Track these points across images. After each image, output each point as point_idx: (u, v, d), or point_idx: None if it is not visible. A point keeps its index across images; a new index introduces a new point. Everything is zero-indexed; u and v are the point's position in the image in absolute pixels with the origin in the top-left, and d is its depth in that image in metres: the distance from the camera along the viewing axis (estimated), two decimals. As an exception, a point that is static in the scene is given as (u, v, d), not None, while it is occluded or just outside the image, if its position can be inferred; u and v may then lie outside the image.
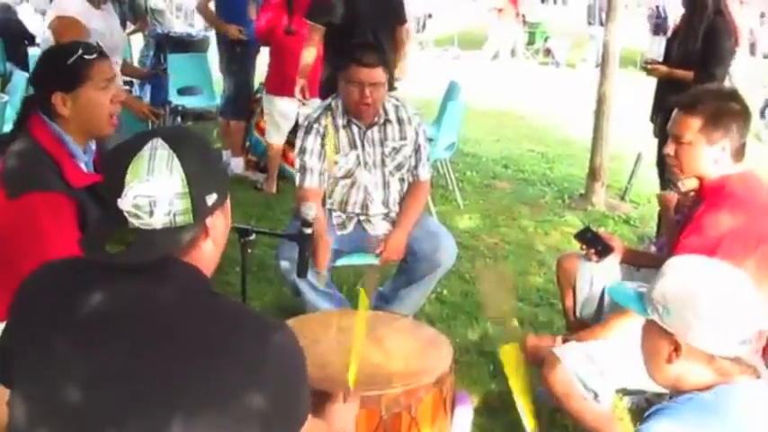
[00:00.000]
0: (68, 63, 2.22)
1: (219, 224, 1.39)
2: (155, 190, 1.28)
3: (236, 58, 6.06)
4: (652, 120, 5.06)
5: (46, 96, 2.23)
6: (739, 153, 2.46)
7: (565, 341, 2.65)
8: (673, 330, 1.56)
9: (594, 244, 2.96)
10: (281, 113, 5.66)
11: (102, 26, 4.09)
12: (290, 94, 5.48)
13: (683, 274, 1.61)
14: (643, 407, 3.05)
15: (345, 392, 1.85)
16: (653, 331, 1.62)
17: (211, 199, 1.34)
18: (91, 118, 2.28)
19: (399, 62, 5.10)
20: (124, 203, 1.28)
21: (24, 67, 7.28)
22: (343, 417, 1.78)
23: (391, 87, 5.04)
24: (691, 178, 2.54)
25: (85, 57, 2.24)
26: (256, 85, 6.39)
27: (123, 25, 7.27)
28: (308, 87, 4.98)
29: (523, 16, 15.47)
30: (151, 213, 1.29)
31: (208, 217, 1.36)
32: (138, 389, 1.25)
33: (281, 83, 5.59)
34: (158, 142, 1.30)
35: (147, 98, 6.37)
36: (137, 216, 1.29)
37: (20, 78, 6.30)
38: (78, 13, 4.02)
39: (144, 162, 1.29)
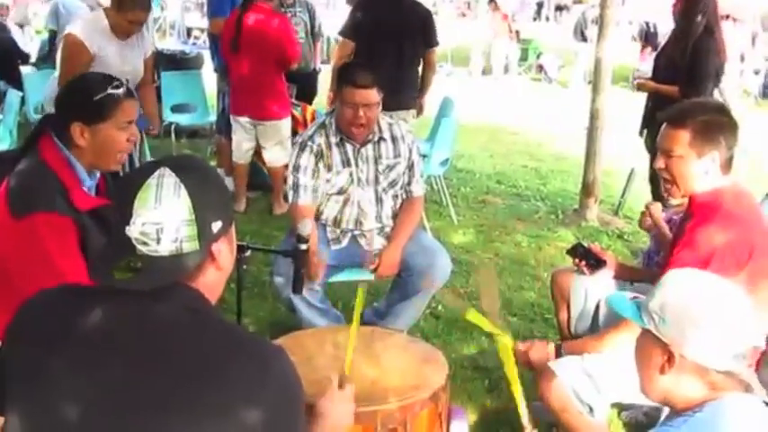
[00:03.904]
0: (95, 98, 2.24)
1: (225, 250, 1.41)
2: (162, 217, 1.31)
3: None
4: (641, 134, 5.12)
5: (65, 123, 2.24)
6: (727, 165, 2.48)
7: (557, 348, 2.64)
8: (668, 341, 1.57)
9: (586, 257, 2.97)
10: (238, 133, 5.65)
11: (116, 57, 4.17)
12: (240, 113, 5.49)
13: (682, 287, 1.63)
14: (641, 421, 3.05)
15: (342, 378, 1.82)
16: (647, 341, 1.62)
17: (217, 226, 1.37)
18: (104, 153, 2.29)
19: (425, 90, 5.43)
20: (132, 231, 1.31)
21: (17, 85, 7.28)
22: (339, 405, 1.74)
23: (419, 112, 5.46)
24: (686, 196, 2.55)
25: (113, 94, 2.25)
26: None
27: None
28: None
29: (517, 32, 15.56)
30: (158, 240, 1.31)
31: (213, 243, 1.38)
32: (134, 407, 1.25)
33: (233, 103, 5.59)
34: (165, 171, 1.34)
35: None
36: (144, 243, 1.31)
37: (14, 98, 6.30)
38: (88, 38, 4.12)
39: (151, 191, 1.32)
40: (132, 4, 4.26)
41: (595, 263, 2.95)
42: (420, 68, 5.38)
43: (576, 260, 2.99)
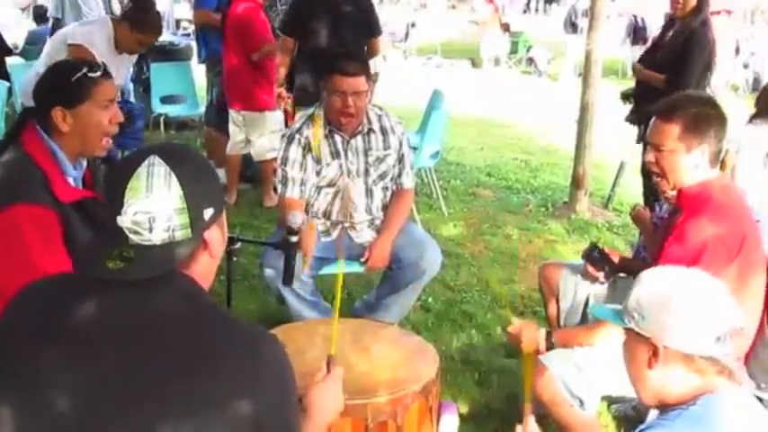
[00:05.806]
0: (73, 79, 2.21)
1: (216, 236, 1.41)
2: (153, 206, 1.30)
3: None
4: (627, 119, 5.12)
5: (46, 110, 2.22)
6: (716, 158, 2.48)
7: (547, 334, 2.63)
8: (649, 334, 1.60)
9: (602, 263, 2.92)
10: (231, 125, 5.64)
11: (113, 70, 4.16)
12: (230, 105, 5.50)
13: (655, 282, 1.67)
14: (631, 415, 3.06)
15: (329, 361, 1.79)
16: (632, 340, 1.67)
17: (208, 213, 1.37)
18: (88, 136, 2.26)
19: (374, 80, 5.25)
20: (124, 220, 1.30)
21: (4, 77, 7.21)
22: (328, 391, 1.71)
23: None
24: (675, 189, 2.55)
25: (90, 75, 2.23)
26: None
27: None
28: (285, 97, 5.05)
29: (507, 25, 15.57)
30: (151, 229, 1.31)
31: (206, 230, 1.38)
32: (129, 400, 1.24)
33: (227, 95, 5.59)
34: (155, 159, 1.33)
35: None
36: (136, 232, 1.31)
37: (1, 88, 6.25)
38: (99, 52, 4.13)
39: (142, 180, 1.31)
40: (149, 27, 4.26)
41: (611, 269, 2.89)
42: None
43: (593, 268, 2.93)
